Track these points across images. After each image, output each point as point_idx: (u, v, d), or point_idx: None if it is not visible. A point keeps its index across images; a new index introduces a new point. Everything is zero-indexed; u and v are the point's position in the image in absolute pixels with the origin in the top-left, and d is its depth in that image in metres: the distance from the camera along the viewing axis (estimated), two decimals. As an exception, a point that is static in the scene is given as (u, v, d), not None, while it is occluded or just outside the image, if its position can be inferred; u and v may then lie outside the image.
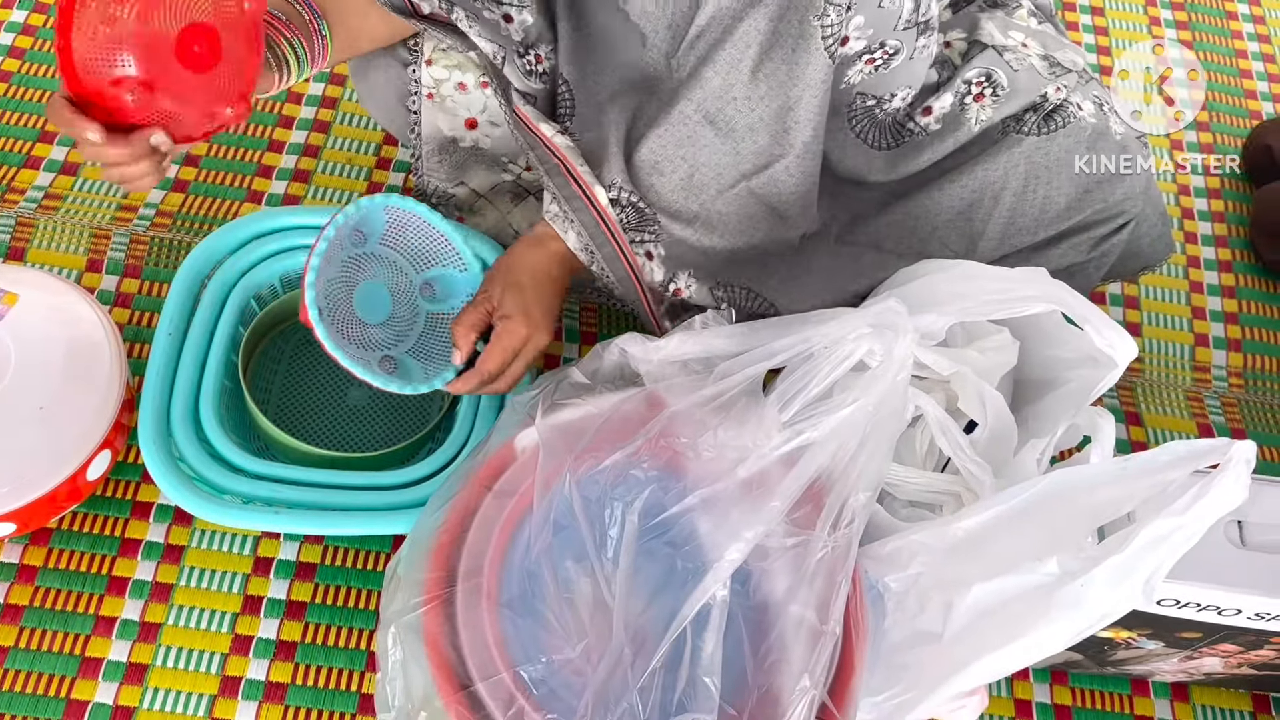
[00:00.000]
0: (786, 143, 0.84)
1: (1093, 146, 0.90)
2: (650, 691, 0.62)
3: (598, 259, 0.86)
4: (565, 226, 0.85)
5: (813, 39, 0.79)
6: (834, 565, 0.66)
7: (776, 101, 0.82)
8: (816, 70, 0.81)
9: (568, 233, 0.85)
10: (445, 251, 0.89)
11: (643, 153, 0.84)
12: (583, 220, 0.84)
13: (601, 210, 0.84)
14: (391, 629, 0.71)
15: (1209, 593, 0.74)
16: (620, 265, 0.87)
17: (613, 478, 0.69)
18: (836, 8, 0.78)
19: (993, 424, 0.77)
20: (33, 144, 1.07)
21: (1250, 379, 1.11)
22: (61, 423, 0.81)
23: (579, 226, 0.85)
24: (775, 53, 0.80)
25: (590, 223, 0.85)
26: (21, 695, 0.81)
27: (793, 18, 0.79)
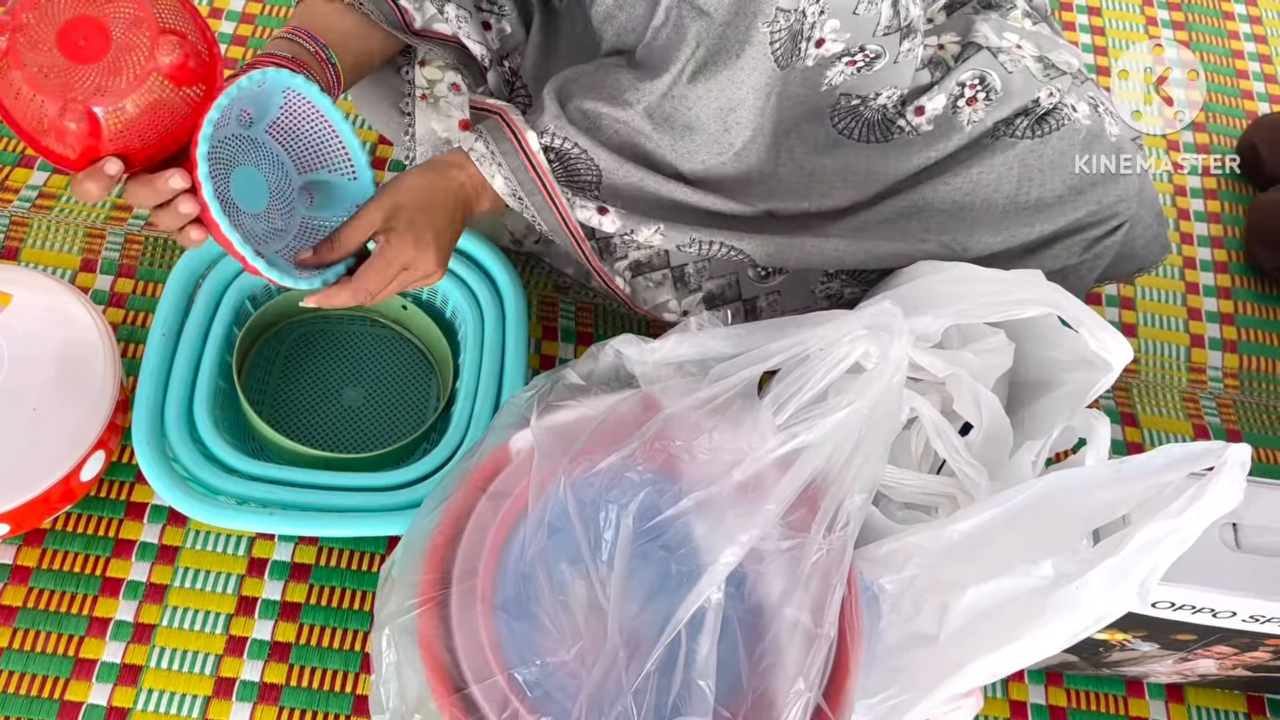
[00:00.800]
0: (726, 141, 0.84)
1: (1087, 149, 0.90)
2: (645, 694, 0.62)
3: (528, 207, 0.83)
4: (492, 170, 0.81)
5: (759, 45, 0.79)
6: (829, 568, 0.66)
7: (718, 101, 0.82)
8: (761, 75, 0.81)
9: (495, 176, 0.81)
10: (336, 154, 0.79)
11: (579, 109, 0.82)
12: (510, 164, 0.81)
13: (531, 155, 0.81)
14: (386, 631, 0.70)
15: (1204, 595, 0.74)
16: (552, 215, 0.84)
17: (607, 480, 0.68)
18: (786, 14, 0.79)
19: (988, 426, 0.77)
20: (27, 143, 1.06)
21: (1246, 380, 1.11)
22: (55, 423, 0.80)
23: (506, 170, 0.81)
24: (719, 56, 0.80)
25: (517, 166, 0.81)
26: (15, 696, 0.81)
27: (741, 23, 0.79)
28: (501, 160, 0.81)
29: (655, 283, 0.93)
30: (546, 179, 0.82)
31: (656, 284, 0.93)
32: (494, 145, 0.81)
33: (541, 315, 1.04)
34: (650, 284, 0.93)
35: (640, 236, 0.86)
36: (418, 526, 0.75)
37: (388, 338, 0.98)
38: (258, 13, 1.20)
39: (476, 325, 0.92)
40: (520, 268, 1.02)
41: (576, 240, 0.86)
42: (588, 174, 0.83)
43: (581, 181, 0.84)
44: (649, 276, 0.92)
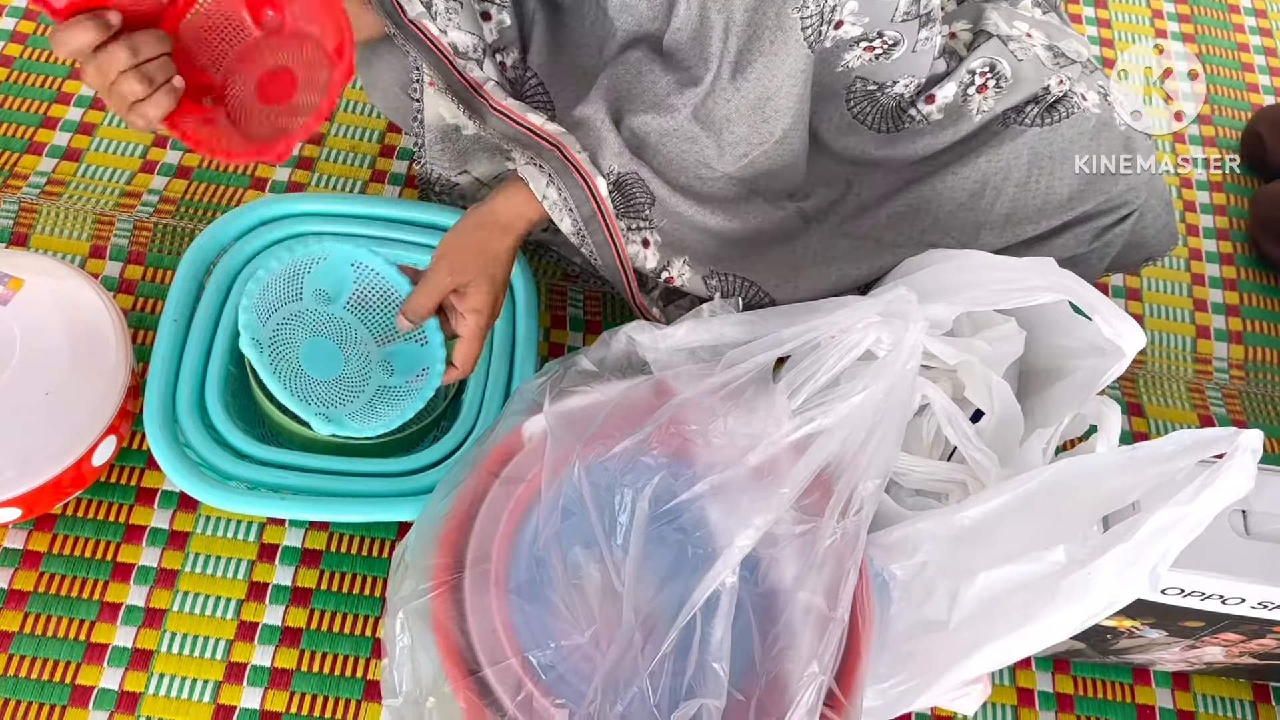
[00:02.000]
0: (766, 131, 0.84)
1: (1096, 137, 0.90)
2: (660, 676, 0.62)
3: (588, 243, 0.86)
4: (562, 215, 0.84)
5: (791, 31, 0.79)
6: (843, 552, 0.66)
7: (755, 92, 0.82)
8: (796, 61, 0.81)
9: (563, 220, 0.84)
10: None
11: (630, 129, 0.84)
12: (581, 211, 0.84)
13: (600, 200, 0.84)
14: (400, 614, 0.71)
15: (1213, 581, 0.75)
16: (609, 252, 0.87)
17: (622, 464, 0.69)
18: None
19: (999, 413, 0.77)
20: (35, 130, 1.07)
21: (1251, 371, 1.11)
22: (67, 409, 0.81)
23: (576, 214, 0.84)
24: (753, 45, 0.80)
25: (588, 213, 0.84)
26: (27, 680, 0.81)
27: (769, 9, 0.79)
28: (573, 206, 0.84)
29: (683, 310, 0.94)
30: (610, 221, 0.85)
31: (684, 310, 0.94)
32: (566, 192, 0.83)
33: (550, 304, 1.04)
34: (679, 311, 0.94)
35: (673, 270, 0.88)
36: (431, 511, 0.75)
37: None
38: None
39: (487, 312, 0.92)
40: (528, 256, 1.03)
41: (625, 274, 0.89)
42: (644, 196, 0.86)
43: (637, 204, 0.86)
44: (678, 304, 0.94)
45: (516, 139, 0.84)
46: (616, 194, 0.85)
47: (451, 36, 0.85)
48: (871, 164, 0.93)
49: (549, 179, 0.83)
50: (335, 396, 0.85)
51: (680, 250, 0.88)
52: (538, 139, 0.83)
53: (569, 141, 0.83)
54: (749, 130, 0.83)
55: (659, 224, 0.87)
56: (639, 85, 0.84)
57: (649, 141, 0.84)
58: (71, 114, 1.08)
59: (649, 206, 0.86)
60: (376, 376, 0.88)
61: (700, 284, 0.88)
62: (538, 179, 0.83)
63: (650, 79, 0.84)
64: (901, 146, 0.91)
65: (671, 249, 0.88)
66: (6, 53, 1.11)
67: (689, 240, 0.88)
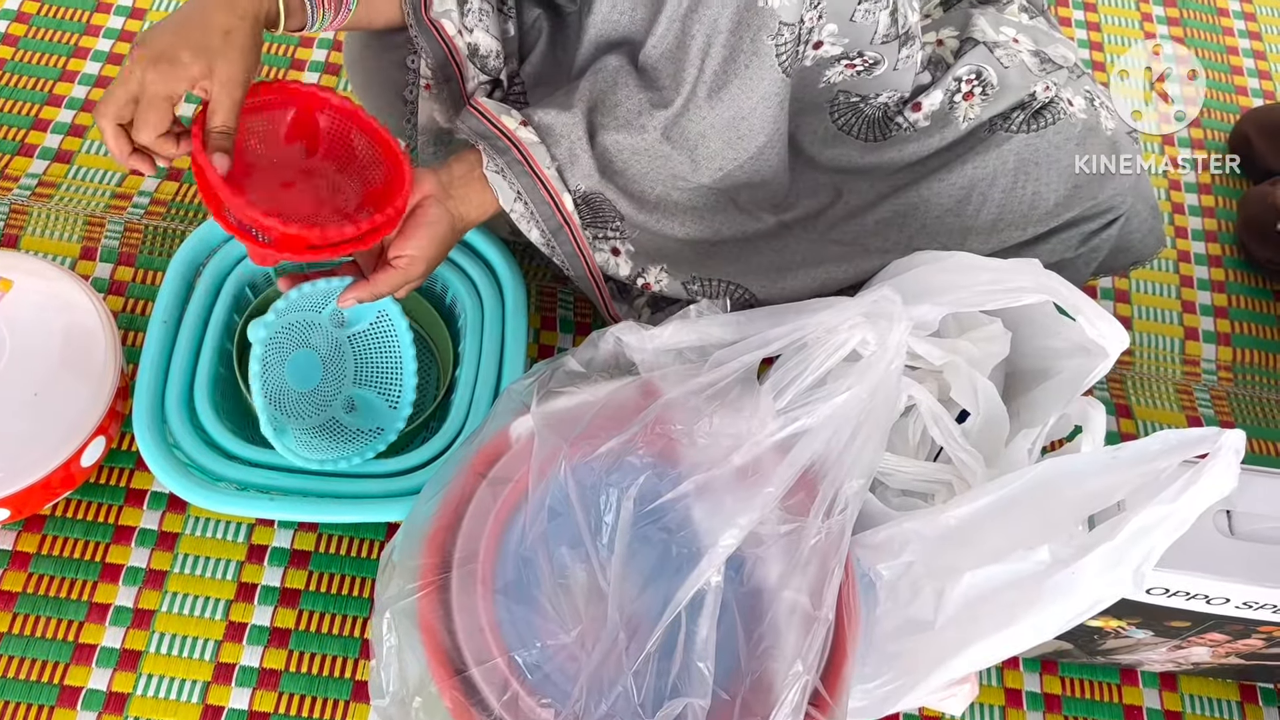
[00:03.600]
0: (741, 147, 0.85)
1: (1083, 143, 0.90)
2: (644, 676, 0.63)
3: (558, 254, 0.87)
4: (529, 226, 0.85)
5: (766, 56, 0.80)
6: (827, 551, 0.66)
7: (729, 112, 0.83)
8: (770, 85, 0.82)
9: (531, 231, 0.85)
10: (391, 382, 0.89)
11: (602, 147, 0.84)
12: (548, 225, 0.85)
13: (567, 215, 0.85)
14: (387, 615, 0.71)
15: (1198, 581, 0.75)
16: (579, 263, 0.88)
17: (607, 464, 0.69)
18: (790, 27, 0.79)
19: (985, 414, 0.77)
20: (27, 131, 1.07)
21: (1239, 373, 1.12)
22: (56, 409, 0.81)
23: (542, 225, 0.85)
24: (728, 68, 0.81)
25: (554, 226, 0.85)
26: (15, 681, 0.81)
27: (746, 34, 0.80)
28: (540, 221, 0.85)
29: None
30: (578, 234, 0.86)
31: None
32: (534, 208, 0.84)
33: (540, 305, 1.04)
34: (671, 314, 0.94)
35: (649, 276, 0.88)
36: (419, 512, 0.76)
37: (387, 326, 0.98)
38: None
39: (476, 314, 0.92)
40: (519, 258, 1.03)
41: (596, 283, 0.90)
42: (612, 217, 0.87)
43: (605, 217, 0.87)
44: (668, 311, 0.94)
45: (489, 140, 0.83)
46: (584, 207, 0.86)
47: (476, 36, 0.86)
48: (858, 171, 0.93)
49: (517, 194, 0.83)
50: (294, 408, 0.86)
51: (656, 258, 0.89)
52: (509, 144, 0.83)
53: (539, 154, 0.83)
54: (724, 145, 0.84)
55: (630, 235, 0.88)
56: (614, 97, 0.84)
57: (618, 160, 0.85)
58: (63, 116, 1.08)
59: (618, 220, 0.87)
60: (335, 408, 0.89)
61: (680, 289, 0.89)
62: (506, 191, 0.83)
63: (625, 93, 0.84)
64: (888, 153, 0.92)
65: (646, 257, 0.89)
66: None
67: (666, 249, 0.89)
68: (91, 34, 1.14)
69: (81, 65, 1.12)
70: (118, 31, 1.14)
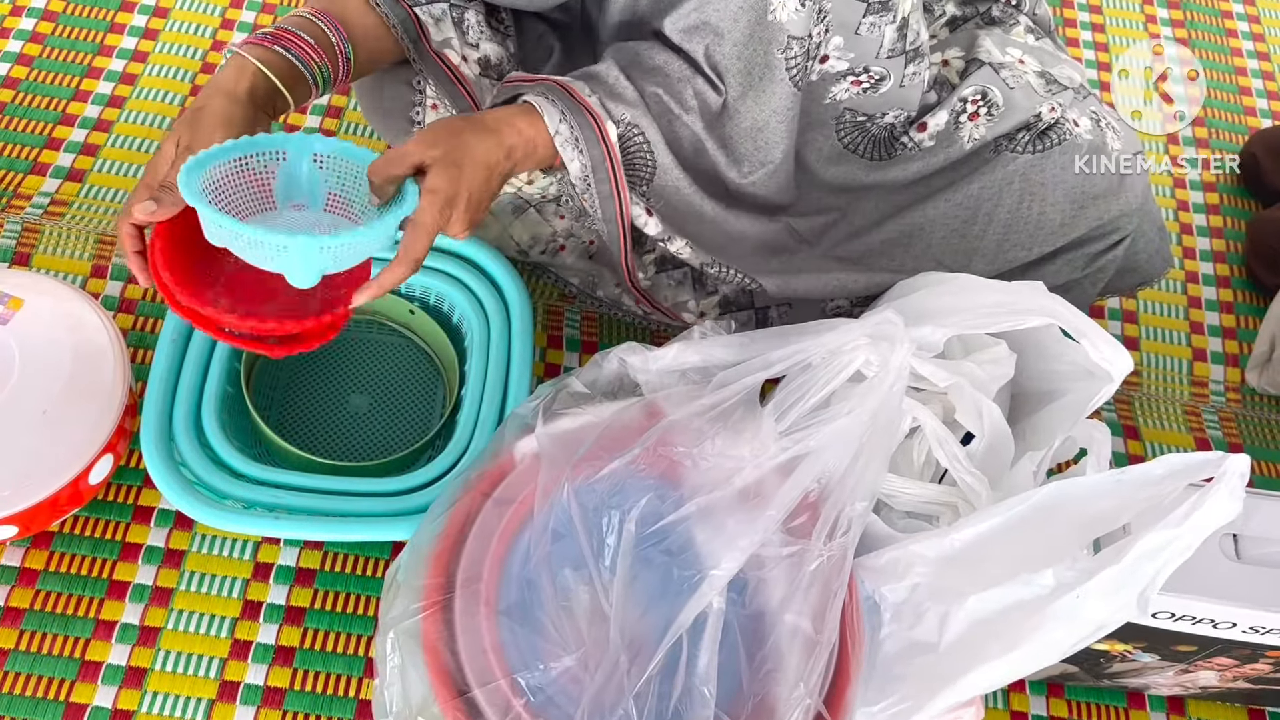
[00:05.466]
0: (758, 159, 0.86)
1: (1088, 164, 0.91)
2: (646, 699, 0.63)
3: (592, 192, 0.83)
4: (572, 154, 0.80)
5: (777, 69, 0.81)
6: (829, 574, 0.66)
7: (746, 122, 0.84)
8: (782, 99, 0.83)
9: (573, 161, 0.81)
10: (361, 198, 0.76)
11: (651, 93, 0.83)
12: (591, 154, 0.81)
13: (609, 144, 0.81)
14: (391, 634, 0.71)
15: (1204, 606, 0.75)
16: (612, 205, 0.84)
17: (610, 486, 0.69)
18: (799, 41, 0.80)
19: (990, 436, 0.77)
20: (39, 150, 1.08)
21: (1247, 394, 1.11)
22: (65, 427, 0.81)
23: (586, 157, 0.81)
24: (742, 80, 0.82)
25: (597, 156, 0.81)
26: (21, 698, 0.82)
27: (758, 48, 0.80)
28: (584, 148, 0.80)
29: (676, 281, 0.94)
30: (618, 168, 0.82)
31: (677, 283, 0.94)
32: (578, 132, 0.79)
33: (547, 324, 1.05)
34: (672, 282, 0.94)
35: (673, 246, 0.87)
36: (424, 531, 0.76)
37: (394, 343, 0.99)
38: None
39: (483, 332, 0.93)
40: (525, 277, 1.03)
41: (623, 232, 0.86)
42: (643, 169, 0.84)
43: (635, 176, 0.84)
44: (670, 274, 0.94)
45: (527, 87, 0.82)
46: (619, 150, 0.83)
47: (484, 49, 0.86)
48: (863, 189, 0.94)
49: (561, 115, 0.79)
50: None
51: (682, 233, 0.88)
52: (548, 82, 0.81)
53: (579, 86, 0.81)
54: (753, 148, 0.85)
55: (655, 205, 0.86)
56: (652, 60, 0.83)
57: (658, 112, 0.83)
58: (75, 135, 1.09)
59: (646, 182, 0.85)
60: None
61: (699, 264, 0.89)
62: (550, 112, 0.79)
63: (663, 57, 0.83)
64: (893, 172, 0.92)
65: (674, 227, 0.88)
66: (12, 75, 1.12)
67: (689, 227, 0.88)
68: (105, 54, 1.15)
69: (95, 85, 1.13)
70: (130, 52, 1.15)
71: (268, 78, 0.75)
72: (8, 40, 1.14)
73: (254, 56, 0.75)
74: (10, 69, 1.12)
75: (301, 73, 0.77)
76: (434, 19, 0.85)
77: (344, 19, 0.81)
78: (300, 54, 0.77)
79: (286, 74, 0.76)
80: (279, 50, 0.76)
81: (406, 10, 0.84)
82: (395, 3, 0.83)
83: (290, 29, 0.78)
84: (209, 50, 1.17)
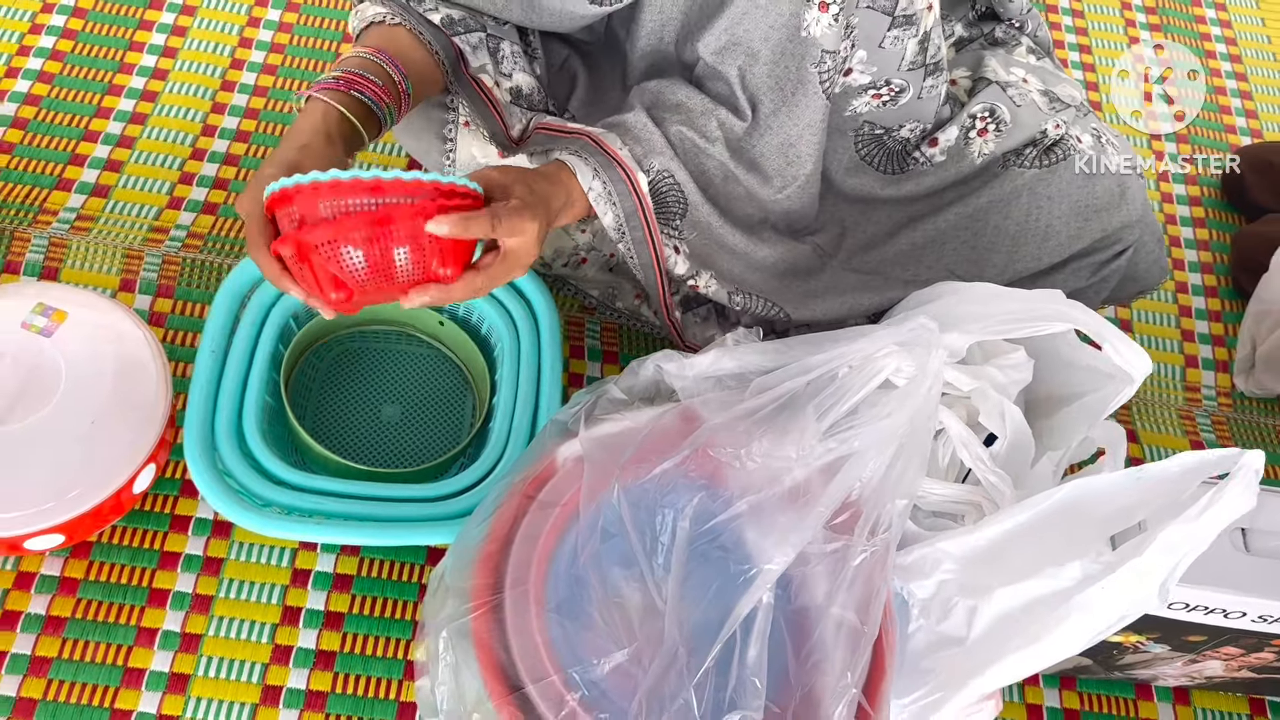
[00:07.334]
0: (789, 174, 0.90)
1: (1091, 178, 0.95)
2: (705, 689, 0.65)
3: (627, 240, 0.88)
4: (605, 208, 0.85)
5: (810, 84, 0.85)
6: (873, 569, 0.69)
7: (778, 138, 0.87)
8: (815, 112, 0.86)
9: (606, 214, 0.85)
10: None
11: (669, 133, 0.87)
12: (624, 205, 0.85)
13: (641, 195, 0.85)
14: (444, 633, 0.73)
15: (1217, 596, 0.79)
16: (646, 250, 0.89)
17: (661, 487, 0.72)
18: (832, 54, 0.84)
19: (1011, 437, 0.81)
20: (63, 166, 1.09)
21: (1238, 398, 1.16)
22: (111, 437, 0.83)
23: (619, 209, 0.85)
24: (775, 96, 0.85)
25: (630, 208, 0.85)
26: (66, 705, 0.83)
27: (790, 64, 0.84)
28: (616, 201, 0.85)
29: (701, 318, 0.98)
30: (650, 217, 0.86)
31: (703, 319, 0.98)
32: (611, 186, 0.84)
33: (568, 335, 1.07)
34: (697, 319, 0.98)
35: (700, 280, 0.91)
36: (469, 535, 0.78)
37: (424, 355, 1.01)
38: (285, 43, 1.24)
39: (512, 342, 0.95)
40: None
41: (659, 272, 0.90)
42: (675, 206, 0.88)
43: (667, 213, 0.88)
44: (696, 312, 0.98)
45: (559, 142, 0.86)
46: (651, 197, 0.87)
47: (516, 79, 0.90)
48: (877, 202, 0.98)
49: (594, 171, 0.83)
50: None
51: (708, 265, 0.92)
52: (581, 137, 0.85)
53: (611, 139, 0.85)
54: (784, 164, 0.88)
55: (688, 236, 0.90)
56: (674, 97, 0.87)
57: (689, 154, 0.87)
58: (99, 151, 1.11)
59: (679, 217, 0.89)
60: None
61: (725, 296, 0.92)
62: (583, 170, 0.83)
63: (684, 93, 0.88)
64: (906, 186, 0.96)
65: (699, 262, 0.91)
66: (34, 92, 1.13)
67: (716, 260, 0.92)
68: (125, 72, 1.16)
69: (116, 102, 1.14)
70: (150, 69, 1.17)
71: (348, 120, 0.78)
72: (28, 58, 1.15)
73: (335, 101, 0.78)
74: (32, 86, 1.14)
75: (374, 112, 0.80)
76: (471, 47, 0.88)
77: (401, 57, 0.84)
78: (372, 95, 0.80)
79: (362, 115, 0.80)
80: (354, 95, 0.79)
81: (447, 39, 0.87)
82: (438, 31, 0.86)
83: (358, 72, 0.81)
84: (228, 68, 1.19)
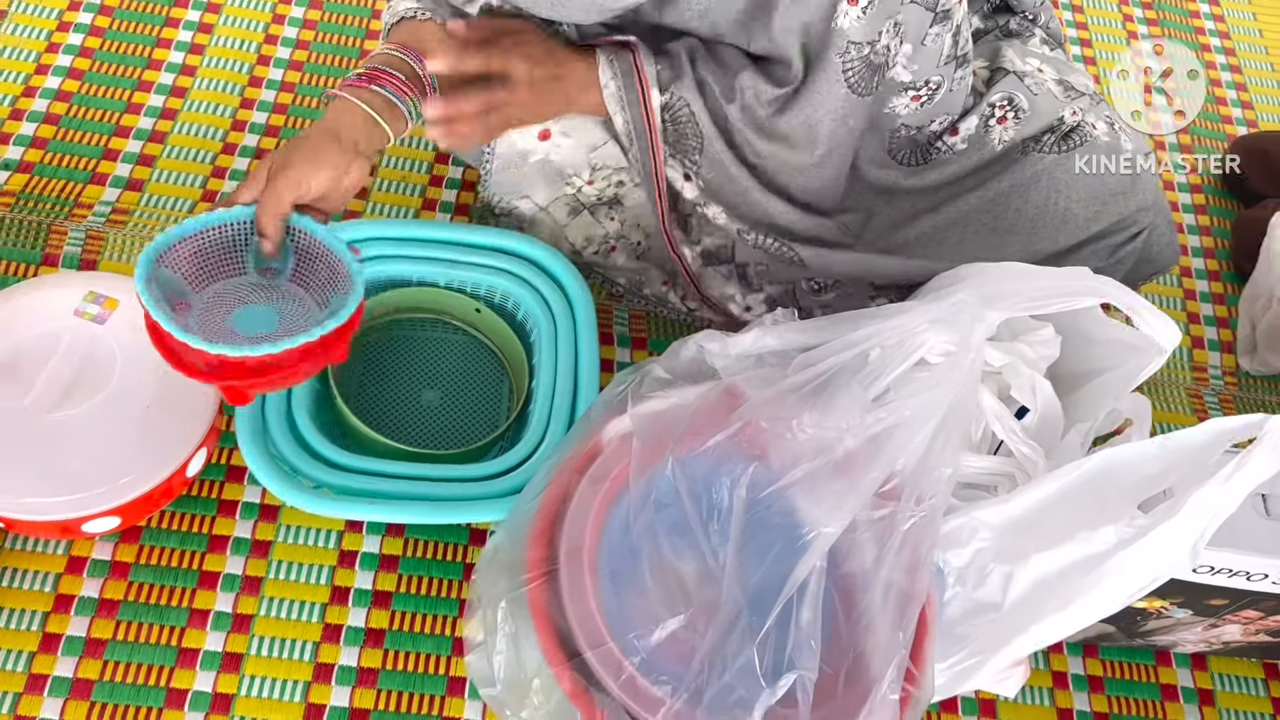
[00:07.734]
0: (811, 151, 0.92)
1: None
2: (765, 649, 0.68)
3: (634, 144, 0.94)
4: (615, 109, 0.92)
5: (833, 72, 0.88)
6: (920, 535, 0.72)
7: (801, 116, 0.90)
8: (835, 100, 0.89)
9: (616, 115, 0.92)
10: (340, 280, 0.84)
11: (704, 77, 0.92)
12: (632, 113, 0.91)
13: (650, 110, 0.91)
14: (501, 604, 0.75)
15: (1240, 559, 0.82)
16: (649, 159, 0.94)
17: (715, 458, 0.74)
18: (858, 46, 0.86)
19: (1042, 410, 0.84)
20: (97, 161, 1.11)
21: (1243, 377, 1.20)
22: (166, 421, 0.85)
23: (628, 114, 0.92)
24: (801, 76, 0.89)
25: (637, 116, 0.92)
26: (123, 685, 0.84)
27: (816, 49, 0.87)
28: (625, 106, 0.91)
29: (724, 276, 1.00)
30: (655, 134, 0.92)
31: (725, 277, 1.00)
32: (623, 91, 0.91)
33: (598, 321, 1.10)
34: (719, 276, 1.00)
35: (709, 211, 0.95)
36: (520, 511, 0.80)
37: (461, 342, 1.03)
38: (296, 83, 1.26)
39: (549, 328, 0.97)
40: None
41: (659, 191, 0.96)
42: (693, 139, 0.93)
43: (686, 145, 0.93)
44: (718, 269, 1.00)
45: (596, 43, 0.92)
46: (669, 123, 0.93)
47: None
48: (901, 191, 1.00)
49: (614, 73, 0.90)
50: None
51: (719, 199, 0.96)
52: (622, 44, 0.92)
53: (645, 57, 0.90)
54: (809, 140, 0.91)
55: (705, 175, 0.94)
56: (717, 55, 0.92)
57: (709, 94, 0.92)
58: (131, 146, 1.12)
59: (697, 151, 0.93)
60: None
61: (734, 232, 0.97)
62: (605, 67, 0.90)
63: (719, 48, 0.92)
64: (929, 175, 0.99)
65: (711, 194, 0.96)
66: (65, 88, 1.15)
67: (732, 201, 0.96)
68: (154, 68, 1.18)
69: (146, 98, 1.16)
70: (179, 65, 1.19)
71: (369, 115, 0.80)
72: (58, 55, 1.17)
73: (356, 98, 0.80)
74: (63, 83, 1.15)
75: (398, 108, 0.83)
76: None
77: (425, 50, 0.86)
78: (395, 90, 0.83)
79: (385, 111, 0.82)
80: (376, 90, 0.82)
81: None
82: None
83: (381, 67, 0.83)
84: (255, 64, 1.21)
